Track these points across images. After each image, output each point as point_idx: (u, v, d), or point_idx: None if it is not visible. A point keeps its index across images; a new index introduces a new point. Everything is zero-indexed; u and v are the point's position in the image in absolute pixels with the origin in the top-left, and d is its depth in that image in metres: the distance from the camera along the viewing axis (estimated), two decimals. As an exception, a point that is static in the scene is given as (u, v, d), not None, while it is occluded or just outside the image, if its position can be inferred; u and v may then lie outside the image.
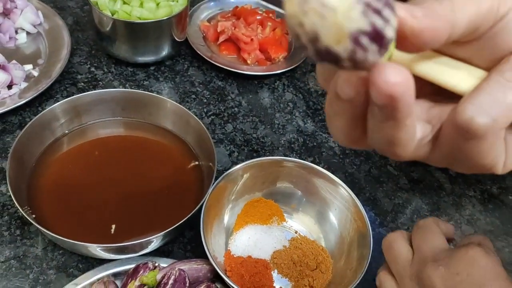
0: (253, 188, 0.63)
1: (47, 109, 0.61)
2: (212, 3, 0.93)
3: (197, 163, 0.65)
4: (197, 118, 0.64)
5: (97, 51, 0.82)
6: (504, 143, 0.27)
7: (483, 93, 0.24)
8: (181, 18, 0.78)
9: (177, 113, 0.66)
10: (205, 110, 0.77)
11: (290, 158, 0.63)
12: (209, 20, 0.91)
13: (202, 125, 0.63)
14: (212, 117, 0.76)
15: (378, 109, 0.24)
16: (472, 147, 0.26)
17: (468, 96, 0.25)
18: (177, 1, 0.79)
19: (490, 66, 0.26)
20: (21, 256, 0.56)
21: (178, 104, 0.65)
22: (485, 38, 0.26)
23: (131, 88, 0.77)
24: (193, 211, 0.54)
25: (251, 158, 0.71)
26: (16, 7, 0.80)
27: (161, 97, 0.66)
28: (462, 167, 0.28)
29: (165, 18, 0.74)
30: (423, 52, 0.25)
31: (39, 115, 0.60)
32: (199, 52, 0.82)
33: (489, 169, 0.27)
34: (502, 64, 0.25)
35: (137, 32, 0.75)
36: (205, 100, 0.79)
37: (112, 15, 0.75)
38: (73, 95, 0.73)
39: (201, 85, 0.81)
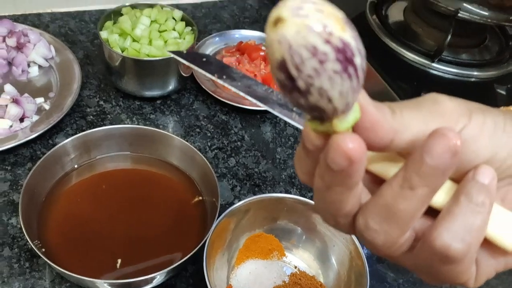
0: (255, 224, 0.66)
1: (59, 145, 0.63)
2: (217, 38, 0.96)
3: (200, 198, 0.67)
4: (202, 154, 0.67)
5: (106, 84, 0.85)
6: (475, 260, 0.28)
7: (456, 220, 0.26)
8: (188, 55, 0.81)
9: (182, 149, 0.68)
10: (209, 144, 0.80)
11: (290, 196, 0.65)
12: (214, 55, 0.94)
13: (206, 161, 0.66)
14: (216, 151, 0.79)
15: (331, 174, 0.25)
16: (447, 269, 0.27)
17: (442, 220, 0.26)
18: (184, 38, 0.83)
19: (456, 176, 0.28)
20: (30, 289, 0.58)
21: (183, 140, 0.68)
22: None
23: (138, 122, 0.80)
24: (197, 248, 0.56)
25: (253, 193, 0.74)
26: (29, 42, 0.83)
27: (167, 133, 0.68)
28: (434, 281, 0.30)
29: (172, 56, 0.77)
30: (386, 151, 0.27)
31: (51, 150, 0.62)
32: (203, 87, 0.85)
33: (461, 285, 0.29)
34: (467, 184, 0.27)
35: (145, 68, 0.78)
36: (209, 134, 0.81)
37: (122, 51, 0.78)
38: (82, 128, 0.77)
39: (205, 119, 0.83)
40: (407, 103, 0.28)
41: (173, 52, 0.31)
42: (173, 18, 0.84)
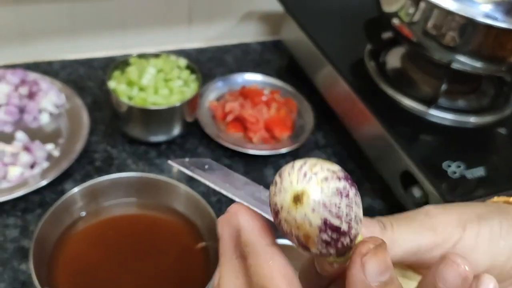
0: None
1: (68, 195, 0.66)
2: (220, 83, 0.99)
3: (204, 244, 0.69)
4: (204, 200, 0.69)
5: (113, 130, 0.88)
6: None
7: None
8: (193, 102, 0.84)
9: (187, 196, 0.71)
10: (212, 188, 0.82)
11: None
12: (218, 99, 0.97)
13: (210, 208, 0.68)
14: (219, 195, 0.81)
15: None
16: None
17: None
18: (189, 87, 0.86)
19: None
20: (39, 336, 0.60)
21: (187, 187, 0.71)
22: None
23: (144, 166, 0.83)
24: (200, 296, 0.58)
25: (255, 237, 0.76)
26: (40, 90, 0.87)
27: (172, 181, 0.71)
28: None
29: (178, 104, 0.81)
30: None
31: (61, 200, 0.65)
32: (207, 132, 0.88)
33: None
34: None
35: (151, 116, 0.81)
36: (213, 178, 0.84)
37: (130, 99, 0.82)
38: (90, 174, 0.79)
39: (209, 164, 0.86)
40: (399, 216, 0.30)
41: (175, 161, 0.34)
42: (178, 66, 0.88)
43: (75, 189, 0.67)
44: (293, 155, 0.91)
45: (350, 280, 0.26)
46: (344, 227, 0.27)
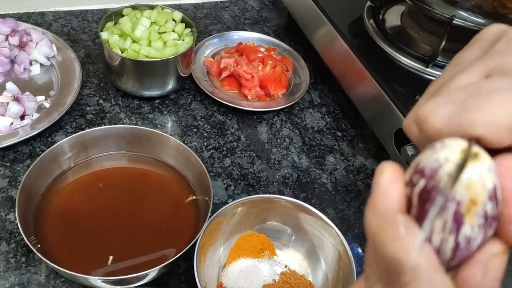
0: (247, 224, 0.67)
1: (56, 144, 0.65)
2: (216, 39, 0.97)
3: (194, 197, 0.69)
4: (196, 154, 0.68)
5: (105, 83, 0.87)
6: None
7: None
8: (187, 56, 0.83)
9: (178, 149, 0.70)
10: (205, 144, 0.81)
11: (280, 196, 0.67)
12: (213, 56, 0.95)
13: (200, 161, 0.67)
14: (212, 151, 0.81)
15: None
16: None
17: None
18: (184, 40, 0.84)
19: None
20: (25, 283, 0.60)
21: (178, 141, 0.70)
22: None
23: (137, 121, 0.82)
24: (188, 247, 0.58)
25: (247, 193, 0.76)
26: (31, 40, 0.85)
27: (163, 133, 0.70)
28: None
29: (171, 56, 0.79)
30: None
31: (48, 150, 0.64)
32: (202, 87, 0.87)
33: None
34: None
35: (144, 69, 0.80)
36: (205, 134, 0.83)
37: (122, 52, 0.80)
38: (81, 127, 0.78)
39: (202, 119, 0.85)
40: None
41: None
42: (173, 20, 0.86)
43: (63, 140, 0.66)
44: (288, 113, 0.89)
45: (465, 278, 0.24)
46: (500, 208, 0.24)
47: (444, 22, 0.76)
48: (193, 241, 0.59)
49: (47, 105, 0.79)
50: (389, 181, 0.25)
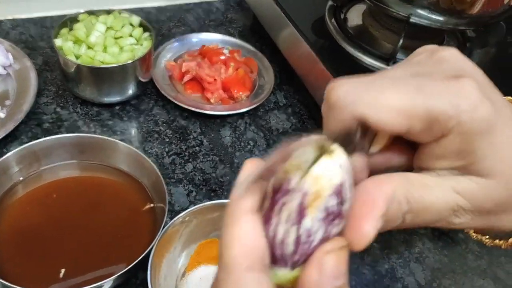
0: (205, 231, 0.66)
1: (4, 157, 0.63)
2: (178, 43, 0.96)
3: (151, 205, 0.67)
4: (151, 161, 0.67)
5: (64, 91, 0.85)
6: None
7: None
8: (146, 60, 0.81)
9: (132, 155, 0.68)
10: (166, 149, 0.80)
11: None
12: (176, 59, 0.94)
13: (156, 168, 0.66)
14: (173, 156, 0.79)
15: None
16: None
17: None
18: (141, 44, 0.83)
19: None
20: (-25, 300, 0.58)
21: (131, 147, 0.68)
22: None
23: (95, 128, 0.80)
24: (141, 257, 0.57)
25: (209, 198, 0.74)
26: (-14, 49, 0.83)
27: (116, 140, 0.69)
28: None
29: (128, 62, 0.78)
30: None
31: (-4, 162, 0.63)
32: (163, 92, 0.85)
33: None
34: None
35: (101, 75, 0.78)
36: (167, 140, 0.81)
37: (77, 58, 0.78)
38: (37, 136, 0.76)
39: (164, 124, 0.84)
40: None
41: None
42: (132, 25, 0.84)
43: (12, 152, 0.64)
44: (252, 115, 0.88)
45: (304, 280, 0.25)
46: (346, 206, 0.25)
47: (402, 20, 0.76)
48: (146, 251, 0.58)
49: (2, 115, 0.77)
50: (242, 178, 0.26)
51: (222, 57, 0.92)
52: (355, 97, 0.27)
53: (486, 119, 0.26)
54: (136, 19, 0.85)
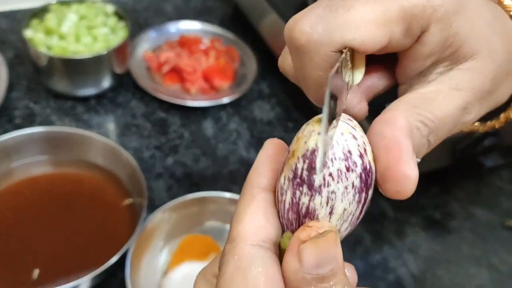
0: (186, 226, 0.63)
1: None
2: (156, 32, 0.92)
3: (130, 200, 0.64)
4: (126, 152, 0.64)
5: (36, 84, 0.81)
6: None
7: None
8: (121, 51, 0.78)
9: (109, 149, 0.65)
10: (145, 143, 0.76)
11: (213, 193, 0.63)
12: (154, 50, 0.90)
13: (134, 161, 0.63)
14: (153, 150, 0.76)
15: None
16: None
17: None
18: (117, 35, 0.79)
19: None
20: None
21: (106, 139, 0.65)
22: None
23: (71, 123, 0.76)
24: (119, 256, 0.53)
25: (191, 192, 0.71)
26: (-48, 43, 0.79)
27: (89, 133, 0.65)
28: None
29: (103, 52, 0.74)
30: None
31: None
32: (141, 84, 0.82)
33: None
34: None
35: (75, 67, 0.74)
36: (146, 133, 0.78)
37: (49, 50, 0.74)
38: (8, 132, 0.72)
39: (143, 117, 0.80)
40: None
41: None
42: (104, 13, 0.81)
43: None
44: (235, 105, 0.85)
45: (284, 268, 0.23)
46: (318, 179, 0.23)
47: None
48: (124, 250, 0.54)
49: (-30, 111, 0.74)
50: (262, 157, 0.26)
51: (202, 47, 0.89)
52: (327, 25, 0.24)
53: None
54: (110, 8, 0.81)
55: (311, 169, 0.23)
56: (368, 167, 0.23)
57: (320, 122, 0.23)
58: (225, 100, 0.83)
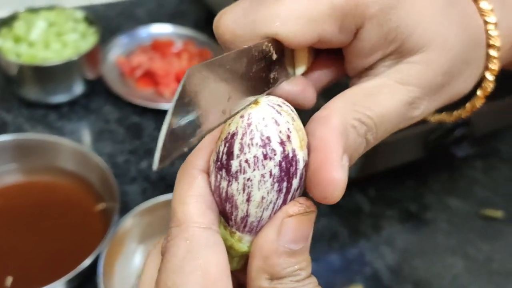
0: (161, 228, 0.63)
1: None
2: (128, 38, 0.92)
3: (103, 205, 0.64)
4: (96, 155, 0.63)
5: (8, 94, 0.81)
6: None
7: None
8: (92, 56, 0.77)
9: (78, 153, 0.65)
10: (119, 148, 0.76)
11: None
12: (127, 55, 0.90)
13: (105, 165, 0.63)
14: (127, 155, 0.76)
15: None
16: None
17: None
18: (87, 41, 0.79)
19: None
20: None
21: (76, 144, 0.65)
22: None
23: (44, 131, 0.76)
24: (90, 262, 0.53)
25: (167, 194, 0.71)
26: None
27: (57, 138, 0.65)
28: None
29: (73, 59, 0.74)
30: None
31: None
32: (113, 89, 0.81)
33: None
34: None
35: (45, 74, 0.74)
36: (120, 138, 0.78)
37: (19, 57, 0.74)
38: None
39: (116, 123, 0.80)
40: None
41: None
42: (74, 19, 0.80)
43: None
44: (209, 108, 0.85)
45: (260, 238, 0.23)
46: (235, 164, 0.22)
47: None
48: (97, 253, 0.54)
49: None
50: (208, 139, 0.25)
51: (175, 50, 0.89)
52: (251, 18, 0.24)
53: None
54: (79, 14, 0.81)
55: (229, 153, 0.22)
56: (291, 155, 0.22)
57: (251, 104, 0.23)
58: (199, 102, 0.83)
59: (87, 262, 0.53)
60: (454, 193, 0.77)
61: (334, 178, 0.22)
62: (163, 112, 0.82)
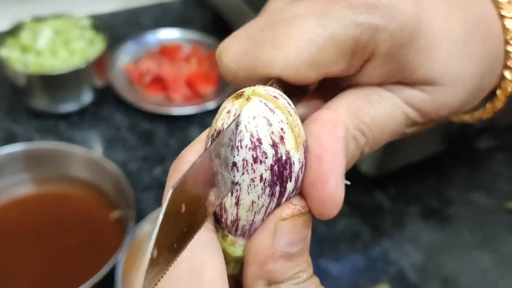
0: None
1: None
2: (134, 45, 0.91)
3: (118, 213, 0.62)
4: (110, 162, 0.62)
5: (17, 104, 0.79)
6: None
7: None
8: (100, 63, 0.76)
9: (91, 160, 0.63)
10: (132, 155, 0.75)
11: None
12: (136, 61, 0.89)
13: (121, 173, 0.61)
14: (140, 162, 0.74)
15: None
16: None
17: None
18: (95, 48, 0.78)
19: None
20: None
21: (89, 151, 0.63)
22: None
23: (54, 141, 0.75)
24: (106, 272, 0.51)
25: (181, 200, 0.69)
26: None
27: (68, 147, 0.64)
28: None
29: (81, 66, 0.73)
30: None
31: None
32: (123, 96, 0.80)
33: None
34: None
35: (53, 82, 0.73)
36: (132, 145, 0.76)
37: (26, 67, 0.73)
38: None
39: (127, 130, 0.78)
40: None
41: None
42: (81, 27, 0.79)
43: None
44: (220, 111, 0.84)
45: (254, 244, 0.22)
46: (234, 158, 0.20)
47: None
48: (113, 262, 0.52)
49: (-50, 137, 0.72)
50: (203, 135, 0.24)
51: (183, 54, 0.87)
52: (253, 62, 0.23)
53: (406, 26, 0.22)
54: (86, 21, 0.80)
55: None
56: (284, 158, 0.20)
57: (237, 98, 0.20)
58: (210, 105, 0.81)
59: (105, 270, 0.51)
60: (476, 187, 0.75)
61: (338, 195, 0.21)
62: (174, 117, 0.81)
